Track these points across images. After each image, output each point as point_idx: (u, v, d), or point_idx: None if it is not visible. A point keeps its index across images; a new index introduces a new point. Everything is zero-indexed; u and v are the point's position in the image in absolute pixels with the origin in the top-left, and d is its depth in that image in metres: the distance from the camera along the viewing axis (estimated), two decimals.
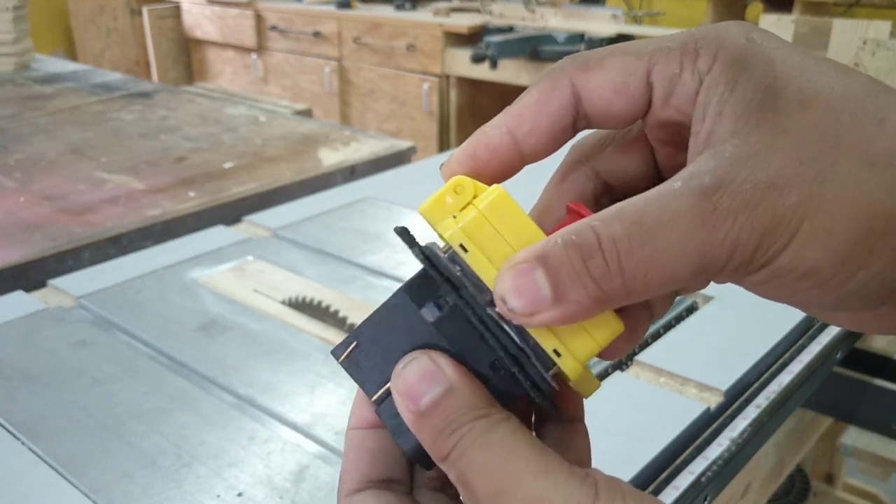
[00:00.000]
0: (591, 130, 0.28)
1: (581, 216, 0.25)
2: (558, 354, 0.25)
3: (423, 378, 0.25)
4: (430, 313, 0.26)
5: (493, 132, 0.26)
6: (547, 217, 0.29)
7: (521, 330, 0.25)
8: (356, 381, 0.27)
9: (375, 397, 0.27)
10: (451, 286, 0.25)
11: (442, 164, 0.27)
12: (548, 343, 0.25)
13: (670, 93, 0.25)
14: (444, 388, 0.24)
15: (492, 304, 0.25)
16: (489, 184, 0.26)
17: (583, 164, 0.29)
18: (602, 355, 0.27)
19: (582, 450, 0.28)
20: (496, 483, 0.23)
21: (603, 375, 0.70)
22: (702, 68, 0.24)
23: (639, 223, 0.22)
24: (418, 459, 0.26)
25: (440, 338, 0.26)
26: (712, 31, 0.25)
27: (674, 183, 0.23)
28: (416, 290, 0.26)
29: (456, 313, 0.25)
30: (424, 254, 0.25)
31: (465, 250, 0.25)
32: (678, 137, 0.26)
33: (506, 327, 0.25)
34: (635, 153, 0.29)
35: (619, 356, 0.28)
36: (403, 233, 0.26)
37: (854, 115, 0.22)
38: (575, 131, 0.27)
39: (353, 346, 0.27)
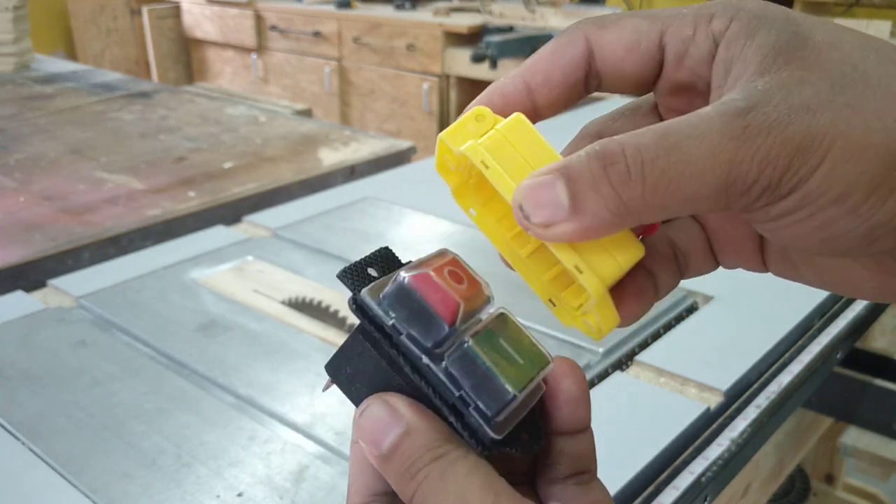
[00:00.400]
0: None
1: None
2: (580, 271, 0.24)
3: (380, 423, 0.25)
4: (381, 355, 0.26)
5: (508, 81, 0.27)
6: None
7: (454, 379, 0.24)
8: (347, 397, 0.27)
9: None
10: (385, 335, 0.25)
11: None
12: (568, 258, 0.24)
13: (683, 54, 0.25)
14: (401, 430, 0.24)
15: (434, 348, 0.24)
16: None
17: (592, 138, 0.29)
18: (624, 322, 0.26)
19: (583, 457, 0.28)
20: None
21: (603, 376, 0.70)
22: (717, 29, 0.25)
23: (666, 136, 0.22)
24: None
25: (397, 377, 0.25)
26: (728, 1, 0.25)
27: (704, 108, 0.23)
28: (368, 333, 0.26)
29: (398, 360, 0.25)
30: (356, 303, 0.25)
31: (487, 167, 0.25)
32: (690, 106, 0.26)
33: (441, 376, 0.25)
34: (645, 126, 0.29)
35: (632, 320, 0.27)
36: (345, 278, 0.26)
37: (876, 58, 0.23)
38: (587, 90, 0.27)
39: (328, 380, 0.27)
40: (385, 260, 0.27)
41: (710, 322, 0.78)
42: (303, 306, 0.82)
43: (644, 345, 0.75)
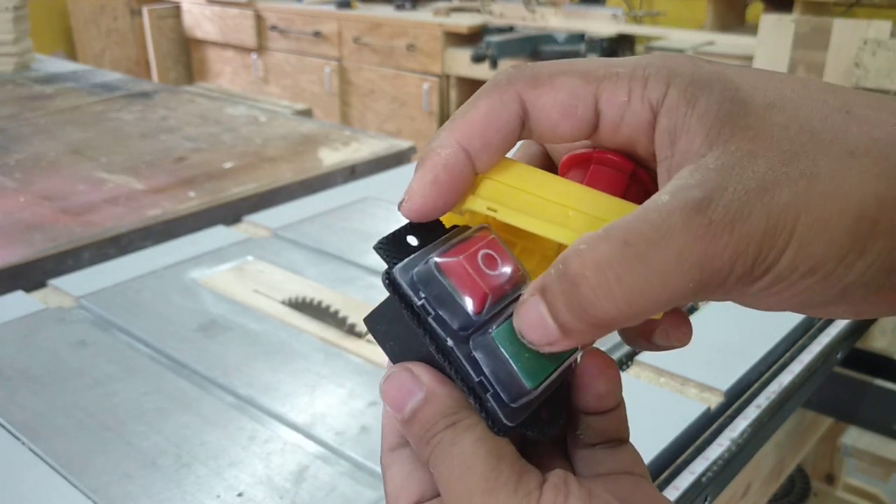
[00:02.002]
0: None
1: (586, 159, 0.26)
2: None
3: (402, 389, 0.26)
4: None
5: (447, 152, 0.26)
6: None
7: (476, 364, 0.25)
8: (382, 349, 0.28)
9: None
10: (414, 314, 0.25)
11: (400, 203, 0.26)
12: None
13: (619, 121, 0.25)
14: (422, 396, 0.25)
15: (460, 330, 0.25)
16: (450, 206, 0.26)
17: (539, 156, 0.30)
18: (661, 344, 0.27)
19: (613, 430, 0.28)
20: (455, 500, 0.24)
21: None
22: (653, 97, 0.24)
23: (628, 244, 0.22)
24: None
25: (425, 343, 0.26)
26: (659, 60, 0.25)
27: (661, 197, 0.22)
28: (402, 297, 0.26)
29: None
30: (389, 279, 0.26)
31: (494, 210, 0.26)
32: (629, 150, 0.27)
33: (463, 360, 0.25)
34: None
35: (683, 343, 0.28)
36: (381, 250, 0.26)
37: (821, 111, 0.23)
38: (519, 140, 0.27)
39: (368, 328, 0.28)
40: (427, 226, 0.28)
41: (711, 322, 0.78)
42: (303, 306, 0.82)
43: None
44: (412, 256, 0.26)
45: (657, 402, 0.66)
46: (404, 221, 0.27)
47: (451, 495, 0.24)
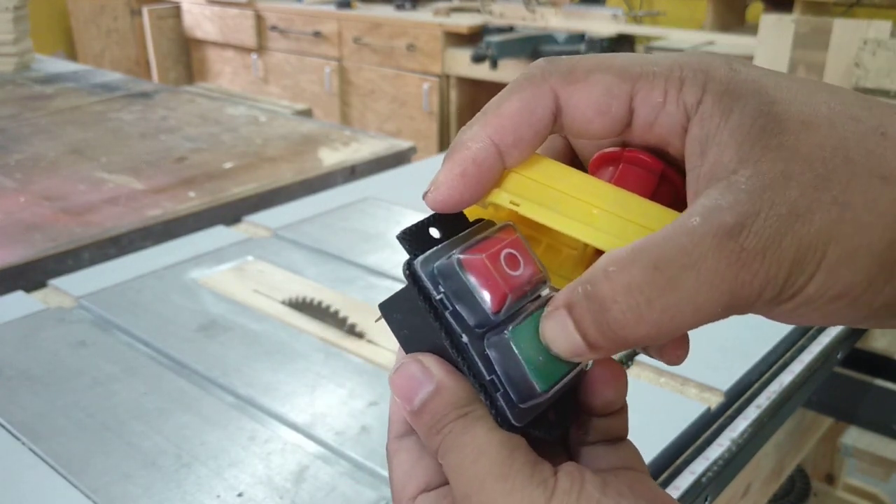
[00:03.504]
0: None
1: (618, 159, 0.26)
2: None
3: (412, 380, 0.26)
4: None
5: (478, 146, 0.25)
6: None
7: (489, 362, 0.25)
8: (395, 336, 0.28)
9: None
10: (431, 307, 0.25)
11: (426, 193, 0.26)
12: None
13: (653, 121, 0.25)
14: (432, 388, 0.25)
15: (476, 327, 0.25)
16: (476, 200, 0.26)
17: (560, 150, 0.30)
18: (668, 359, 0.27)
19: (615, 430, 0.28)
20: (465, 485, 0.24)
21: None
22: (689, 101, 0.24)
23: (659, 269, 0.22)
24: None
25: (440, 336, 0.26)
26: (696, 61, 0.25)
27: (691, 219, 0.22)
28: (421, 289, 0.26)
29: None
30: (410, 270, 0.25)
31: (517, 205, 0.26)
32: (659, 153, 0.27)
33: (477, 358, 0.25)
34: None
35: (674, 364, 0.27)
36: (404, 240, 0.26)
37: (856, 131, 0.22)
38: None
39: (383, 314, 0.28)
40: (451, 218, 0.27)
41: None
42: (303, 306, 0.82)
43: None
44: (434, 249, 0.26)
45: (657, 402, 0.66)
46: (420, 216, 0.27)
47: (462, 481, 0.24)
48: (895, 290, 0.22)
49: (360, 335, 0.76)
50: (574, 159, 0.30)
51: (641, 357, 0.72)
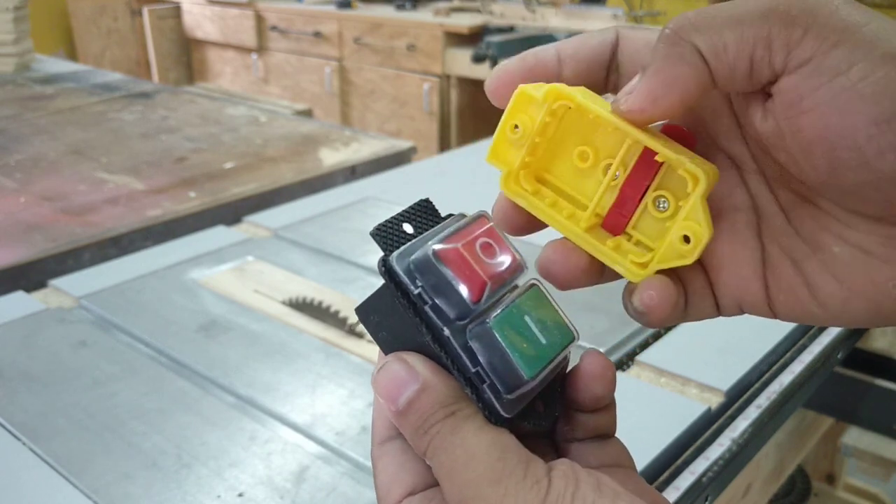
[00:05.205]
0: None
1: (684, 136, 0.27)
2: (685, 163, 0.26)
3: (396, 380, 0.26)
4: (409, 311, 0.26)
5: (543, 48, 0.29)
6: None
7: (473, 354, 0.25)
8: (374, 340, 0.28)
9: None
10: (410, 302, 0.25)
11: (487, 81, 0.29)
12: (672, 157, 0.25)
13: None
14: (417, 387, 0.25)
15: (457, 319, 0.25)
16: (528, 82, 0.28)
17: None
18: (651, 319, 0.27)
19: (603, 426, 0.29)
20: (460, 490, 0.24)
21: None
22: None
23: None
24: None
25: (421, 332, 0.25)
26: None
27: None
28: (398, 285, 0.26)
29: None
30: (386, 266, 0.25)
31: (574, 99, 0.26)
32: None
33: (460, 351, 0.25)
34: None
35: (668, 315, 0.28)
36: (377, 236, 0.26)
37: None
38: (607, 85, 0.29)
39: (360, 319, 0.28)
40: (424, 213, 0.27)
41: (711, 322, 0.77)
42: (303, 307, 0.82)
43: (645, 345, 0.75)
44: (409, 244, 0.26)
45: (658, 402, 0.66)
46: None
47: (456, 487, 0.24)
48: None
49: (360, 335, 0.76)
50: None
51: (642, 357, 0.72)
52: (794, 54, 0.23)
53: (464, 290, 0.24)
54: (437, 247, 0.25)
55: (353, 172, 1.27)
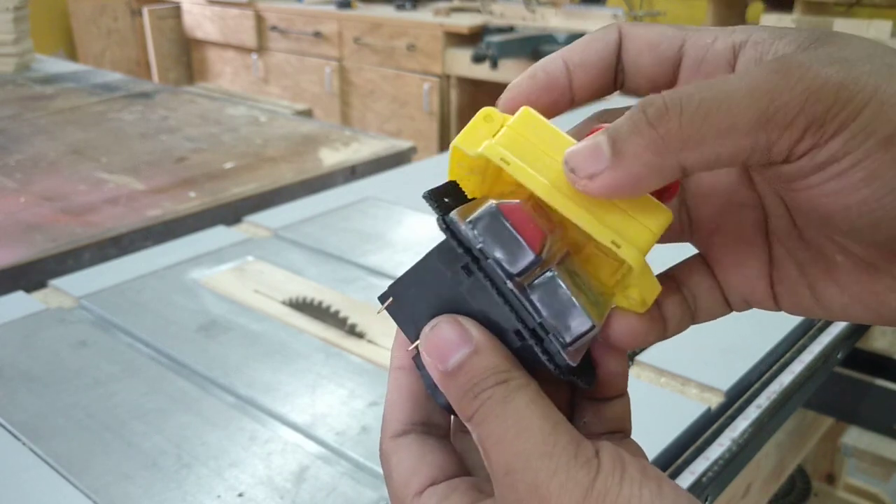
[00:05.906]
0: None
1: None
2: (618, 245, 0.25)
3: (450, 339, 0.25)
4: (457, 279, 0.26)
5: (549, 60, 0.28)
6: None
7: (535, 306, 0.25)
8: (398, 324, 0.27)
9: (412, 346, 0.27)
10: (472, 258, 0.25)
11: (499, 100, 0.28)
12: (604, 235, 0.25)
13: (701, 59, 0.26)
14: (470, 350, 0.25)
15: (517, 275, 0.25)
16: (539, 103, 0.27)
17: (595, 121, 0.31)
18: (624, 340, 0.27)
19: (617, 419, 0.28)
20: (508, 460, 0.23)
21: None
22: (738, 40, 0.26)
23: (707, 81, 0.23)
24: (452, 410, 0.26)
25: (469, 301, 0.26)
26: (748, 26, 0.27)
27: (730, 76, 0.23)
28: (445, 252, 0.26)
29: (479, 283, 0.26)
30: (446, 223, 0.26)
31: (507, 163, 0.25)
32: None
33: (524, 302, 0.25)
34: None
35: (640, 344, 0.27)
36: (431, 198, 0.26)
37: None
38: (616, 83, 0.28)
39: (390, 300, 0.27)
40: (455, 193, 0.28)
41: (711, 322, 0.77)
42: (303, 307, 0.82)
43: None
44: (462, 206, 0.26)
45: (658, 402, 0.66)
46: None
47: (504, 456, 0.23)
48: None
49: (360, 335, 0.76)
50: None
51: (642, 357, 0.72)
52: (794, 151, 0.22)
53: (526, 241, 0.25)
54: (498, 201, 0.25)
55: (353, 172, 1.27)
